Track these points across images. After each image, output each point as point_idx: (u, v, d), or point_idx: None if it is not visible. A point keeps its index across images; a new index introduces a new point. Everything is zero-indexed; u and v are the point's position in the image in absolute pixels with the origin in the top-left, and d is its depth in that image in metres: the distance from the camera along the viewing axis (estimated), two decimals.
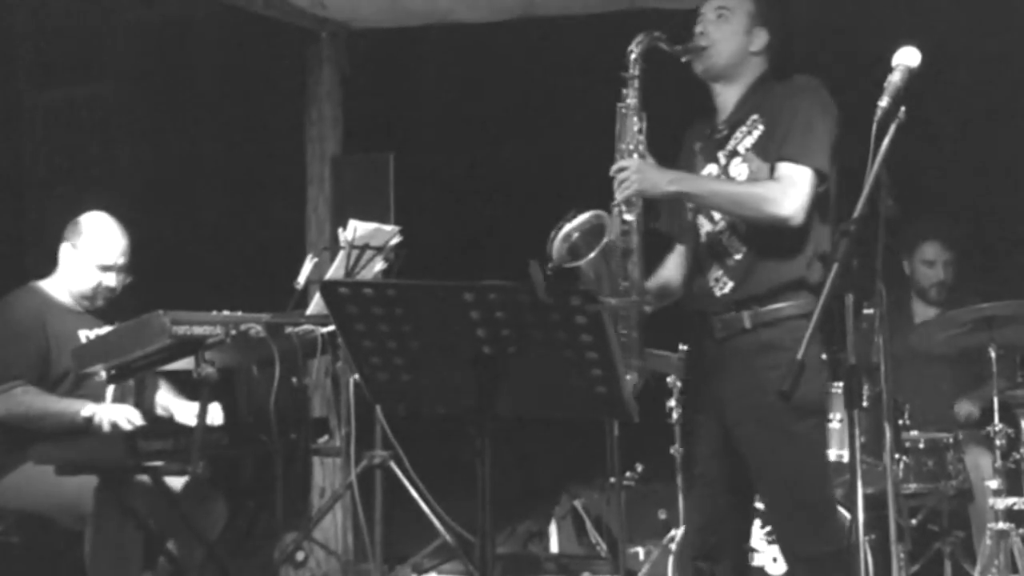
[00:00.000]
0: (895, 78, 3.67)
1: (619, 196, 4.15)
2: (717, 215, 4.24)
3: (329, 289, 3.48)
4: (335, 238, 6.16)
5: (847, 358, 3.47)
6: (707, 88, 4.38)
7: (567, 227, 4.20)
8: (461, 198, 8.76)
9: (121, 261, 5.40)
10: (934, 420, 6.15)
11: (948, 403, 6.31)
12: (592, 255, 4.12)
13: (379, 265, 6.05)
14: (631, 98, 4.25)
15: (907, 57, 3.69)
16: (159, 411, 5.43)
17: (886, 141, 3.60)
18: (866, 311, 5.49)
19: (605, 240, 4.13)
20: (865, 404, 3.56)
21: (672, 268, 4.47)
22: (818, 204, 4.11)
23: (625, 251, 4.19)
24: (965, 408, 6.23)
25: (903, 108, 3.61)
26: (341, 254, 5.87)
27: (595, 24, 7.41)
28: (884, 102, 3.64)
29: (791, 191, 4.04)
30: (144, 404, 5.36)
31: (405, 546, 6.92)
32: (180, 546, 5.24)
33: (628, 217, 4.18)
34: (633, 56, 4.24)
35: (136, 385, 5.36)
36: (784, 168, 4.09)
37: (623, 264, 4.19)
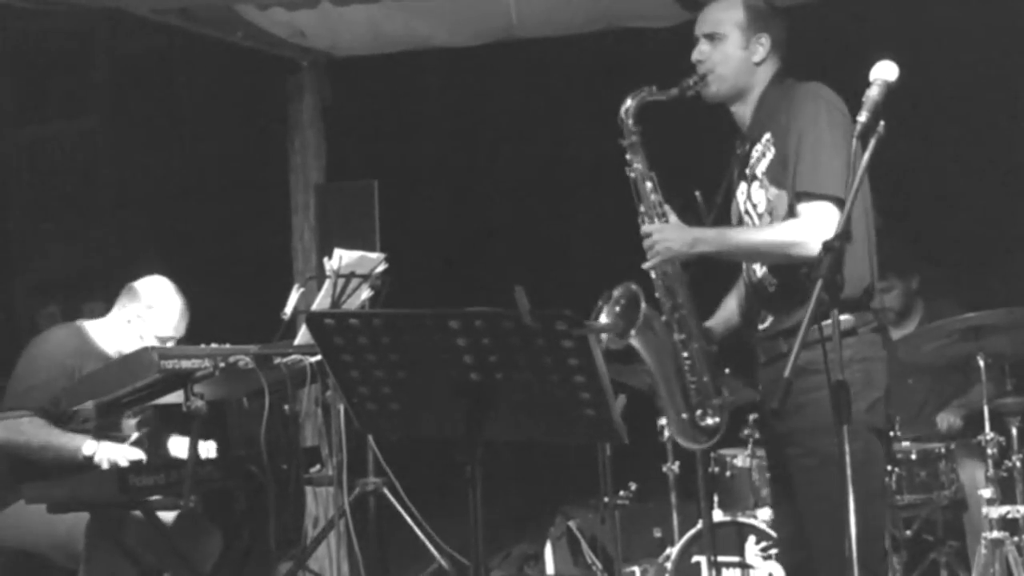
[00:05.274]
0: (873, 92, 3.65)
1: (649, 264, 4.17)
2: None
3: (315, 321, 3.48)
4: (321, 267, 6.15)
5: (835, 375, 3.47)
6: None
7: (605, 310, 4.19)
8: (446, 223, 8.78)
9: (183, 332, 5.40)
10: (921, 431, 6.17)
11: (935, 413, 6.33)
12: (634, 330, 4.15)
13: (366, 293, 6.05)
14: (637, 163, 4.24)
15: (885, 71, 3.69)
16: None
17: (867, 156, 3.60)
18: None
19: (641, 311, 4.14)
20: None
21: (732, 300, 4.48)
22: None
23: (673, 306, 4.23)
24: (946, 420, 6.25)
25: (882, 122, 3.61)
26: (327, 283, 5.87)
27: (575, 45, 7.44)
28: (863, 117, 3.62)
29: (814, 229, 3.91)
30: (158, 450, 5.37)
31: (400, 572, 6.91)
32: None
33: (665, 279, 4.23)
34: (627, 122, 4.23)
35: (152, 432, 5.35)
36: (803, 206, 4.02)
37: (673, 319, 4.24)
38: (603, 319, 4.20)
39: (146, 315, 5.34)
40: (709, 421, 4.26)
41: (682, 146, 4.41)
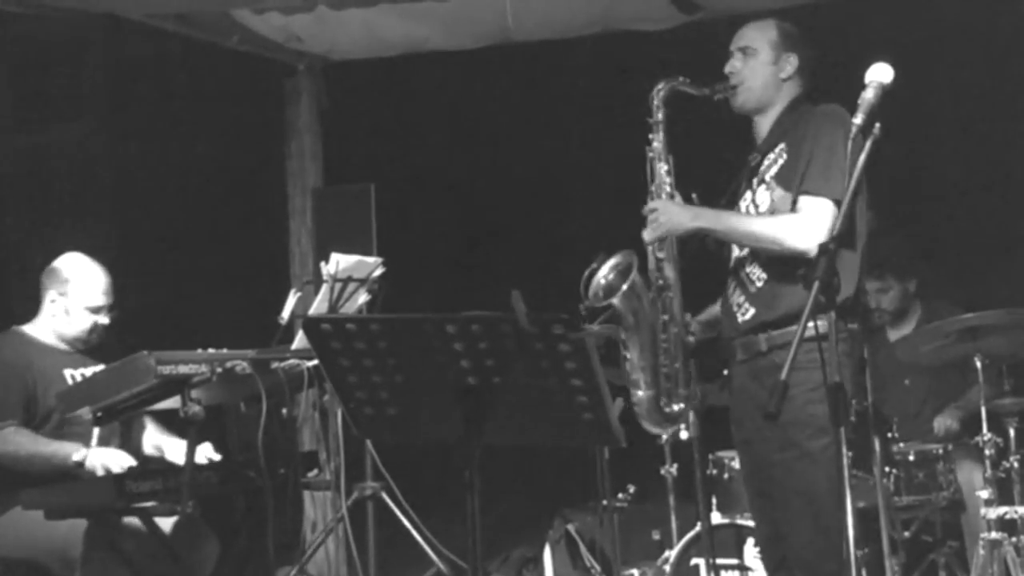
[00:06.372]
0: (868, 95, 3.69)
1: (649, 236, 4.31)
2: None
3: (311, 325, 3.47)
4: (318, 271, 6.15)
5: (831, 376, 3.47)
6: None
7: (601, 269, 4.30)
8: (444, 227, 8.78)
9: (111, 300, 5.38)
10: (919, 432, 6.16)
11: (933, 415, 6.32)
12: (623, 290, 4.23)
13: (363, 297, 6.05)
14: (657, 142, 4.42)
15: (880, 74, 3.71)
16: (149, 450, 5.41)
17: (862, 157, 3.62)
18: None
19: (632, 277, 4.24)
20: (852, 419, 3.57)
21: (716, 307, 4.58)
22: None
23: (662, 286, 4.35)
24: (943, 423, 6.25)
25: (878, 124, 3.63)
26: (324, 287, 5.87)
27: (571, 48, 7.43)
28: (859, 119, 3.67)
29: (808, 224, 4.11)
30: (131, 445, 5.35)
31: None
32: None
33: (660, 255, 4.35)
34: (655, 102, 4.40)
35: (122, 426, 5.34)
36: (803, 201, 4.19)
37: (660, 298, 4.33)
38: (598, 277, 4.27)
39: (69, 289, 5.34)
40: (674, 407, 4.34)
41: (692, 162, 4.48)
